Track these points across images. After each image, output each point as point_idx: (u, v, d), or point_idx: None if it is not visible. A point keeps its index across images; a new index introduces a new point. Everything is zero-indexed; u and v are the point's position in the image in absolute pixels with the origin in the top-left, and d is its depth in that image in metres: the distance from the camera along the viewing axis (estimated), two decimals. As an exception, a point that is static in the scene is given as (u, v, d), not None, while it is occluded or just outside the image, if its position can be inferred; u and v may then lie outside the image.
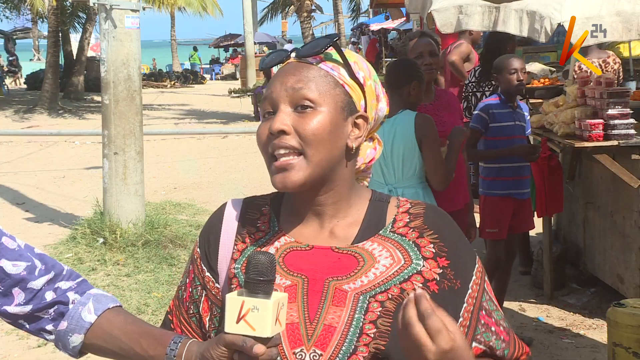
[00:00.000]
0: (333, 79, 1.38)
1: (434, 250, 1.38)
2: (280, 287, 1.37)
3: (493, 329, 1.40)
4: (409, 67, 3.79)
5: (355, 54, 1.44)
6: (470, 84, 6.77)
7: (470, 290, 1.39)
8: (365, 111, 1.42)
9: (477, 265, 1.42)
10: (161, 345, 1.38)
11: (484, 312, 1.40)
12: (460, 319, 1.38)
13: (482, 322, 1.39)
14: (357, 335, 1.32)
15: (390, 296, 1.34)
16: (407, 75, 3.71)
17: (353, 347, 1.32)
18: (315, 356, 1.33)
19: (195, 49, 40.49)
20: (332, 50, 1.41)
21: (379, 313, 1.34)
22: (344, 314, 1.34)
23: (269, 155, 1.37)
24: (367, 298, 1.34)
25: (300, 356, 1.33)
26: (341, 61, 1.40)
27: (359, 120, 1.41)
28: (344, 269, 1.37)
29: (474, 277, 1.40)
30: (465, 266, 1.40)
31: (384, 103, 1.46)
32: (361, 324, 1.33)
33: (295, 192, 1.40)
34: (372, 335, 1.32)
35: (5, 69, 30.91)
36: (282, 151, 1.34)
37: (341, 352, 1.32)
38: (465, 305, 1.38)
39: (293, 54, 1.43)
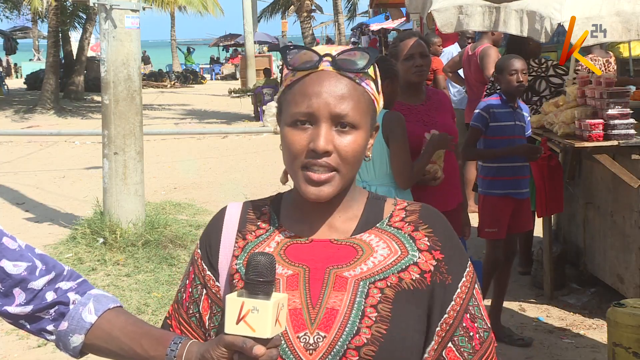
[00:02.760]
0: (369, 96, 1.41)
1: (428, 244, 1.42)
2: (282, 276, 1.40)
3: (471, 334, 1.42)
4: (380, 66, 3.74)
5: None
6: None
7: (459, 290, 1.42)
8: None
9: (468, 269, 1.45)
10: (161, 346, 1.39)
11: (468, 315, 1.43)
12: (445, 316, 1.41)
13: (464, 325, 1.42)
14: (360, 317, 1.36)
15: (389, 284, 1.38)
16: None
17: (356, 328, 1.35)
18: (319, 338, 1.35)
19: (189, 50, 40.32)
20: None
21: (379, 299, 1.37)
22: (345, 298, 1.37)
23: (300, 166, 1.37)
24: (367, 284, 1.38)
25: (304, 339, 1.36)
26: (372, 75, 1.43)
27: (374, 131, 1.46)
28: (344, 258, 1.41)
29: (463, 279, 1.43)
30: (458, 264, 1.43)
31: (381, 100, 1.49)
32: (363, 307, 1.36)
33: None
34: (374, 319, 1.36)
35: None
36: (321, 169, 1.36)
37: (344, 333, 1.35)
38: (452, 303, 1.41)
39: (327, 60, 1.39)
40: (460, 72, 8.27)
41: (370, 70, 1.42)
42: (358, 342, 1.34)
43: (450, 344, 1.41)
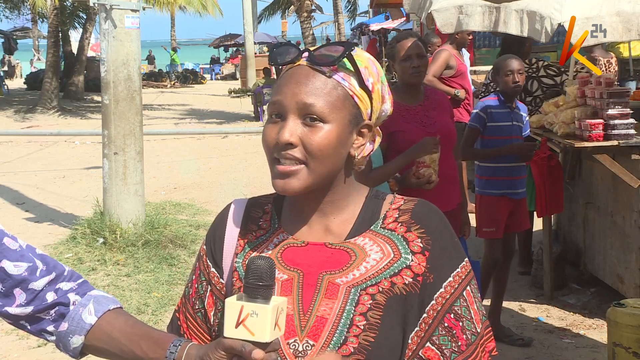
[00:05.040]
0: (344, 90, 1.39)
1: (421, 245, 1.39)
2: (277, 281, 1.40)
3: (454, 332, 1.38)
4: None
5: (366, 56, 1.44)
6: (490, 85, 6.62)
7: (442, 290, 1.38)
8: (371, 118, 1.44)
9: (458, 270, 1.40)
10: (161, 348, 1.39)
11: (452, 315, 1.38)
12: (424, 316, 1.38)
13: (445, 324, 1.38)
14: (348, 326, 1.35)
15: (380, 289, 1.37)
16: None
17: (343, 337, 1.35)
18: (308, 346, 1.36)
19: (174, 50, 40.23)
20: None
21: (369, 305, 1.36)
22: (335, 306, 1.37)
23: (272, 158, 1.39)
24: (359, 291, 1.37)
25: (294, 346, 1.37)
26: (353, 70, 1.41)
27: (364, 130, 1.43)
28: (337, 264, 1.40)
29: (450, 279, 1.39)
30: (444, 263, 1.39)
31: (389, 104, 1.48)
32: (352, 315, 1.36)
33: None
34: (362, 327, 1.35)
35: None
36: (287, 161, 1.36)
37: (332, 342, 1.35)
38: (432, 302, 1.38)
39: (305, 56, 1.41)
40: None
41: (349, 65, 1.40)
42: (345, 351, 1.34)
43: (428, 344, 1.37)
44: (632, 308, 3.76)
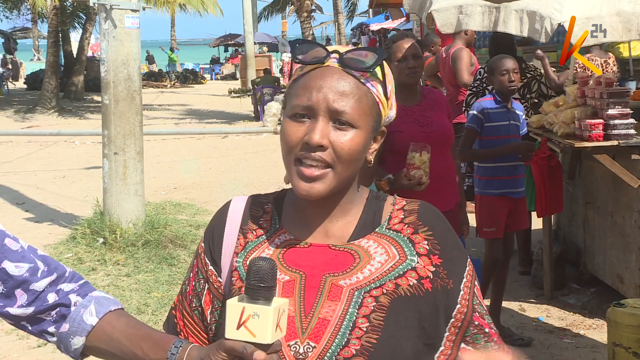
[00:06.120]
0: (373, 97, 1.39)
1: (427, 247, 1.40)
2: (279, 282, 1.39)
3: (487, 330, 1.43)
4: None
5: (386, 63, 1.44)
6: (477, 85, 6.58)
7: (462, 292, 1.41)
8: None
9: (467, 268, 1.44)
10: (162, 350, 1.39)
11: (477, 314, 1.42)
12: (452, 320, 1.40)
13: (476, 323, 1.42)
14: (350, 328, 1.35)
15: (384, 291, 1.37)
16: None
17: (345, 339, 1.35)
18: (309, 348, 1.35)
19: (172, 50, 40.20)
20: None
21: (372, 308, 1.36)
22: (338, 308, 1.37)
23: (294, 158, 1.37)
24: (362, 293, 1.37)
25: (294, 348, 1.36)
26: (380, 78, 1.41)
27: (378, 136, 1.44)
28: (340, 266, 1.40)
29: (464, 279, 1.42)
30: (458, 266, 1.42)
31: (394, 110, 1.48)
32: (354, 317, 1.36)
33: None
34: (365, 329, 1.35)
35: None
36: (314, 163, 1.35)
37: (334, 344, 1.35)
38: (458, 306, 1.40)
39: (334, 57, 1.39)
40: None
41: (379, 73, 1.40)
42: (347, 353, 1.34)
43: (463, 345, 1.41)
44: (632, 308, 3.76)
